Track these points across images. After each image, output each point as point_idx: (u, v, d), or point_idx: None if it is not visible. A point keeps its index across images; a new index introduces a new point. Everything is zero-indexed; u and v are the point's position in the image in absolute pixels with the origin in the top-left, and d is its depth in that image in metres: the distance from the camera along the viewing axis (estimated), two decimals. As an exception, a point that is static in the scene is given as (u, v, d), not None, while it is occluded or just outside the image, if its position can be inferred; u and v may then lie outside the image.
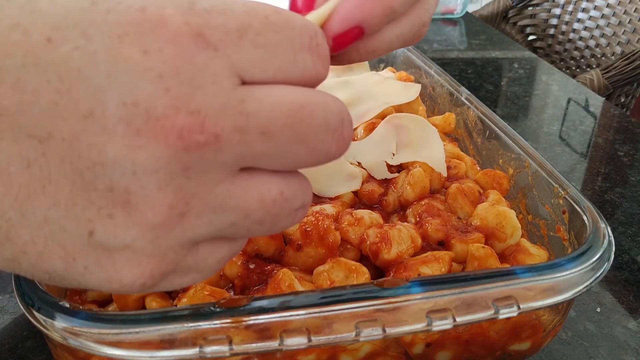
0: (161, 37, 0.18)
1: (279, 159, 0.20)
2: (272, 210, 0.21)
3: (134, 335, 0.25)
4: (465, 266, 0.37)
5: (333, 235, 0.36)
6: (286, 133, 0.19)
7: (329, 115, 0.20)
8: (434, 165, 0.45)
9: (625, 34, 1.31)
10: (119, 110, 0.17)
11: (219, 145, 0.18)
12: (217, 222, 0.20)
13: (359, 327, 0.27)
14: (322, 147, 0.20)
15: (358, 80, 0.59)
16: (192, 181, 0.19)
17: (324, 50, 0.21)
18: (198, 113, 0.18)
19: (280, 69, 0.20)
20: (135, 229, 0.19)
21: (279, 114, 0.19)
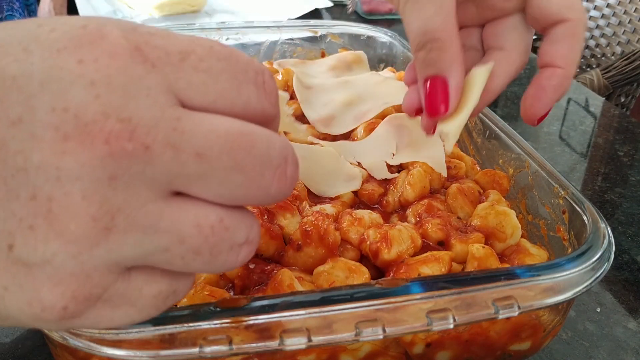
0: (98, 49, 0.18)
1: (214, 185, 0.19)
2: (211, 238, 0.20)
3: (134, 335, 0.25)
4: (465, 266, 0.37)
5: (333, 235, 0.36)
6: (223, 158, 0.19)
7: (271, 150, 0.20)
8: (434, 165, 0.45)
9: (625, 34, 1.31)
10: (48, 116, 0.17)
11: (148, 157, 0.18)
12: (147, 244, 0.19)
13: (359, 327, 0.27)
14: (261, 181, 0.20)
15: (358, 80, 0.59)
16: (119, 193, 0.18)
17: (270, 88, 0.21)
18: (128, 121, 0.18)
19: (221, 96, 0.20)
20: (57, 243, 0.18)
21: (216, 137, 0.19)
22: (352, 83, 0.59)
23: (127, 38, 0.19)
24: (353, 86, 0.58)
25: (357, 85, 0.58)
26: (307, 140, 0.50)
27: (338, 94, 0.56)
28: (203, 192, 0.19)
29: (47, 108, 0.17)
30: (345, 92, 0.57)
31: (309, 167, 0.45)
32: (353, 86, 0.58)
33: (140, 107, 0.18)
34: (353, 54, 0.68)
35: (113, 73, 0.18)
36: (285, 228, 0.37)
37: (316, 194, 0.44)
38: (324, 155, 0.47)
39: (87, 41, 0.18)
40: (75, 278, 0.18)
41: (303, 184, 0.43)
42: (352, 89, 0.57)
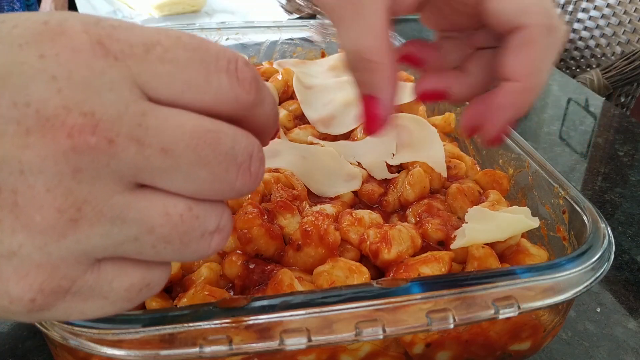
0: (58, 43, 0.18)
1: (180, 180, 0.19)
2: (180, 227, 0.20)
3: (134, 335, 0.25)
4: (465, 266, 0.37)
5: (333, 235, 0.36)
6: (188, 154, 0.19)
7: (236, 146, 0.20)
8: (434, 165, 0.45)
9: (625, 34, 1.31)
10: (10, 111, 0.17)
11: (113, 151, 0.18)
12: (116, 234, 0.19)
13: (359, 327, 0.27)
14: (225, 176, 0.20)
15: (358, 80, 0.59)
16: (84, 186, 0.18)
17: (244, 74, 0.21)
18: (92, 115, 0.18)
19: (189, 86, 0.19)
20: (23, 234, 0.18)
21: (181, 133, 0.19)
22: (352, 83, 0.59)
23: (89, 32, 0.19)
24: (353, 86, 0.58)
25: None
26: (307, 140, 0.50)
27: (338, 94, 0.56)
28: (169, 186, 0.19)
29: (8, 103, 0.17)
30: (345, 92, 0.57)
31: (309, 167, 0.45)
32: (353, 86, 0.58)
33: (104, 101, 0.18)
34: (353, 54, 0.67)
35: (74, 68, 0.18)
36: (285, 228, 0.37)
37: (316, 194, 0.44)
38: (324, 155, 0.47)
39: (48, 37, 0.18)
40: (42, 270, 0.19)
41: (303, 184, 0.43)
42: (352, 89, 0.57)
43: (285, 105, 0.57)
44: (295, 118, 0.56)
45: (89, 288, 0.20)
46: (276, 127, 0.25)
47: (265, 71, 0.64)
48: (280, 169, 0.44)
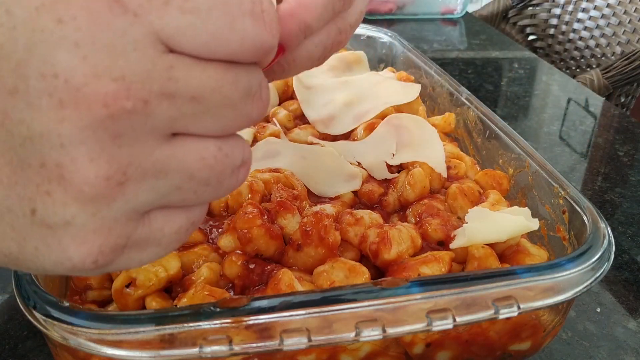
0: (74, 4, 0.18)
1: (209, 122, 0.20)
2: (215, 167, 0.21)
3: (134, 335, 0.25)
4: (465, 266, 0.37)
5: (333, 235, 0.36)
6: (215, 97, 0.19)
7: (251, 80, 0.21)
8: (434, 165, 0.45)
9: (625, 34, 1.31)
10: (40, 83, 0.17)
11: (148, 110, 0.18)
12: (161, 187, 0.20)
13: (359, 327, 0.27)
14: (245, 110, 0.21)
15: (358, 80, 0.59)
16: (125, 149, 0.18)
17: (270, 17, 0.20)
18: (122, 79, 0.18)
19: (214, 36, 0.19)
20: (74, 205, 0.18)
21: (207, 78, 0.19)
22: (352, 83, 0.59)
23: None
24: (353, 86, 0.58)
25: (357, 85, 0.58)
26: (307, 140, 0.50)
27: (338, 94, 0.56)
28: (200, 129, 0.20)
29: (37, 75, 0.17)
30: (345, 92, 0.57)
31: (309, 167, 0.45)
32: (353, 86, 0.58)
33: (131, 62, 0.18)
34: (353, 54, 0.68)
35: (96, 31, 0.18)
36: (285, 228, 0.37)
37: (316, 194, 0.44)
38: (324, 155, 0.47)
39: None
40: (98, 234, 0.19)
41: (303, 184, 0.43)
42: (352, 89, 0.57)
43: (285, 105, 0.57)
44: (295, 118, 0.56)
45: (143, 239, 0.21)
46: None
47: (265, 71, 0.64)
48: (280, 169, 0.44)
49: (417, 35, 1.20)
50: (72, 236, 0.19)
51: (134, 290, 0.33)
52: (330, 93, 0.57)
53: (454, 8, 1.31)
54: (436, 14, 1.31)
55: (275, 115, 0.55)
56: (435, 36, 1.20)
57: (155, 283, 0.33)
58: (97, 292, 0.36)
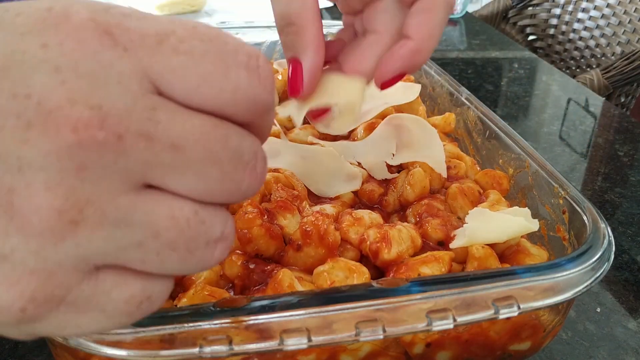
0: (63, 31, 0.17)
1: (189, 178, 0.18)
2: (186, 231, 0.19)
3: (134, 335, 0.25)
4: (465, 266, 0.37)
5: (333, 235, 0.36)
6: (199, 150, 0.18)
7: (243, 144, 0.19)
8: (434, 165, 0.45)
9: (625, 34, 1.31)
10: (9, 103, 0.16)
11: (121, 148, 0.17)
12: (120, 239, 0.18)
13: (359, 327, 0.27)
14: (234, 175, 0.19)
15: (358, 80, 0.59)
16: (88, 185, 0.17)
17: (265, 73, 0.20)
18: (99, 109, 0.16)
19: (205, 81, 0.18)
20: (17, 237, 0.16)
21: (191, 127, 0.18)
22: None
23: (96, 20, 0.17)
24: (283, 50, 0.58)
25: (357, 85, 0.58)
26: (307, 140, 0.50)
27: (338, 94, 0.56)
28: (178, 185, 0.18)
29: (7, 95, 0.16)
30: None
31: (309, 167, 0.45)
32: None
33: (112, 94, 0.17)
34: (353, 54, 0.67)
35: (80, 58, 0.17)
36: (285, 228, 0.37)
37: (316, 194, 0.44)
38: (324, 155, 0.47)
39: (51, 24, 0.17)
40: (35, 276, 0.17)
41: (303, 184, 0.43)
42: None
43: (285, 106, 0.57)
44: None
45: (85, 298, 0.18)
46: None
47: (265, 71, 0.64)
48: (280, 169, 0.44)
49: (417, 35, 1.20)
50: (5, 273, 0.17)
51: (134, 290, 0.33)
52: (330, 93, 0.57)
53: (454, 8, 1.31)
54: (436, 14, 1.31)
55: (275, 115, 0.55)
56: (435, 36, 1.19)
57: (155, 283, 0.33)
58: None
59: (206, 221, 0.19)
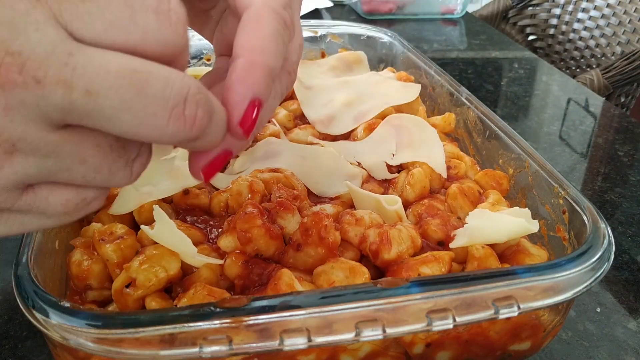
0: None
1: (104, 123, 0.19)
2: (110, 155, 0.21)
3: (134, 335, 0.25)
4: (465, 266, 0.37)
5: (333, 235, 0.36)
6: (111, 96, 0.19)
7: (167, 90, 0.20)
8: (434, 166, 0.45)
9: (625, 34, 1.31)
10: None
11: (40, 92, 0.18)
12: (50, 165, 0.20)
13: (359, 327, 0.27)
14: (152, 121, 0.20)
15: (358, 80, 0.59)
16: (17, 125, 0.19)
17: (177, 17, 0.20)
18: (18, 55, 0.18)
19: (112, 26, 0.19)
20: None
21: (106, 73, 0.19)
22: (352, 83, 0.59)
23: None
24: (353, 86, 0.58)
25: (357, 85, 0.58)
26: (307, 140, 0.50)
27: (338, 94, 0.56)
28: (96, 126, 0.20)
29: None
30: (345, 92, 0.57)
31: (309, 167, 0.45)
32: (353, 86, 0.58)
33: (30, 41, 0.18)
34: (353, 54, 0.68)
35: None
36: (285, 228, 0.37)
37: (316, 194, 0.44)
38: (324, 155, 0.47)
39: None
40: None
41: (303, 184, 0.43)
42: (352, 89, 0.57)
43: (285, 105, 0.57)
44: (295, 118, 0.56)
45: (27, 206, 0.21)
46: None
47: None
48: (280, 169, 0.44)
49: (417, 35, 1.20)
50: None
51: (134, 291, 0.33)
52: (330, 93, 0.57)
53: (454, 8, 1.31)
54: (436, 14, 1.31)
55: (275, 115, 0.55)
56: (435, 36, 1.20)
57: (155, 283, 0.33)
58: (97, 292, 0.36)
59: (126, 146, 0.21)
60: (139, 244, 0.36)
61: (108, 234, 0.36)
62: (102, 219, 0.39)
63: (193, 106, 0.20)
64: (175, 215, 0.40)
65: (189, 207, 0.41)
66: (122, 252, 0.35)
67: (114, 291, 0.33)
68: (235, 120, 0.24)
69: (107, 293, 0.35)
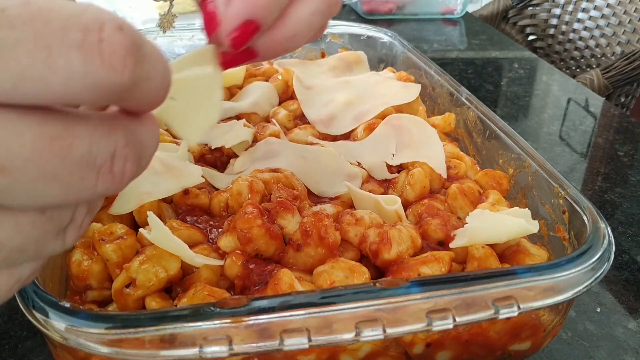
0: None
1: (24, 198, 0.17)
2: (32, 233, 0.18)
3: (134, 335, 0.25)
4: (465, 266, 0.37)
5: (333, 235, 0.36)
6: (29, 169, 0.16)
7: (93, 149, 0.17)
8: (434, 166, 0.45)
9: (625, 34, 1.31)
10: None
11: None
12: None
13: (359, 327, 0.27)
14: (81, 184, 0.17)
15: (358, 80, 0.59)
16: None
17: (112, 47, 0.16)
18: None
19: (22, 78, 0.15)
20: None
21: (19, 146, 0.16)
22: (352, 83, 0.59)
23: None
24: (353, 86, 0.58)
25: (357, 85, 0.58)
26: (307, 140, 0.50)
27: (338, 94, 0.56)
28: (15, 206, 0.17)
29: None
30: (345, 92, 0.57)
31: (309, 167, 0.45)
32: (353, 86, 0.58)
33: None
34: (353, 54, 0.68)
35: None
36: (285, 228, 0.37)
37: (316, 194, 0.44)
38: (324, 155, 0.47)
39: None
40: None
41: (303, 184, 0.43)
42: (352, 89, 0.57)
43: (285, 105, 0.57)
44: (295, 118, 0.56)
45: None
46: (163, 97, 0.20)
47: (265, 71, 0.64)
48: (280, 169, 0.44)
49: (417, 35, 1.20)
50: None
51: (134, 291, 0.33)
52: (330, 93, 0.57)
53: (454, 8, 1.31)
54: (436, 14, 1.31)
55: (275, 115, 0.55)
56: (435, 36, 1.20)
57: (155, 283, 0.33)
58: (97, 292, 0.36)
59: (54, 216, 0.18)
60: (139, 244, 0.36)
61: (108, 234, 0.36)
62: (102, 219, 0.39)
63: (121, 161, 0.18)
64: (176, 215, 0.40)
65: (189, 207, 0.41)
66: (122, 252, 0.35)
67: (114, 291, 0.33)
68: (226, 32, 0.23)
69: (107, 293, 0.35)
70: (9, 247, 0.17)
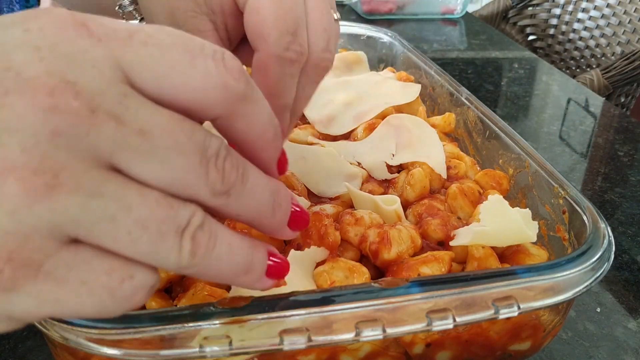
0: (43, 19, 0.18)
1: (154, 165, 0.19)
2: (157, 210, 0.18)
3: (134, 335, 0.25)
4: (465, 266, 0.37)
5: (333, 235, 0.36)
6: (165, 138, 0.19)
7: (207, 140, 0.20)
8: (434, 166, 0.45)
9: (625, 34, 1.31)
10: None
11: (93, 121, 0.17)
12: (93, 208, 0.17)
13: (359, 327, 0.27)
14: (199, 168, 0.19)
15: (358, 80, 0.59)
16: (62, 152, 0.17)
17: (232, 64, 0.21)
18: (74, 84, 0.17)
19: (172, 69, 0.19)
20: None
21: (159, 116, 0.19)
22: (352, 83, 0.59)
23: (74, 15, 0.19)
24: (353, 86, 0.58)
25: (357, 85, 0.58)
26: (307, 140, 0.50)
27: (338, 94, 0.56)
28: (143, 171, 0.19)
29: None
30: (345, 92, 0.56)
31: (309, 167, 0.45)
32: (353, 86, 0.58)
33: (86, 75, 0.18)
34: (353, 54, 0.68)
35: (59, 42, 0.18)
36: (285, 228, 0.37)
37: (316, 194, 0.44)
38: (324, 155, 0.46)
39: (33, 15, 0.18)
40: (11, 237, 0.17)
41: (303, 184, 0.43)
42: (352, 89, 0.57)
43: (285, 105, 0.57)
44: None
45: (65, 267, 0.18)
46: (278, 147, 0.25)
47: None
48: (280, 169, 0.44)
49: (417, 35, 1.20)
50: None
51: (134, 290, 0.33)
52: (330, 93, 0.57)
53: (454, 8, 1.31)
54: (436, 14, 1.31)
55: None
56: (435, 36, 1.20)
57: (155, 283, 0.33)
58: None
59: (174, 206, 0.19)
60: (139, 244, 0.36)
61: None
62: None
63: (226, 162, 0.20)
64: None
65: (189, 207, 0.41)
66: (122, 252, 0.35)
67: (114, 291, 0.33)
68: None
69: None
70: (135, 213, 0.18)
